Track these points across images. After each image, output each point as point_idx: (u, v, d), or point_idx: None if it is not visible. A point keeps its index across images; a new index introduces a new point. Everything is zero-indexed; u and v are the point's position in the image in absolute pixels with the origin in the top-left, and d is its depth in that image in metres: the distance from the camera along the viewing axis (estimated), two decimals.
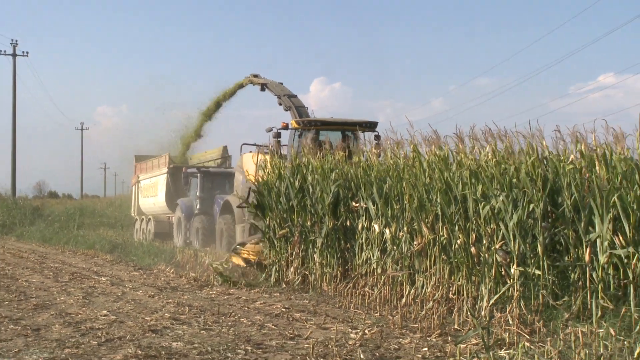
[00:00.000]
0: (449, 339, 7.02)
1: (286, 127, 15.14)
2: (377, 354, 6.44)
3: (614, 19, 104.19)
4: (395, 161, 10.23)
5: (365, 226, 10.39)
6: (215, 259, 13.61)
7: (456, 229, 8.70)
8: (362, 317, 8.36)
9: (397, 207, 9.70)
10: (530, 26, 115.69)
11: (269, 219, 12.33)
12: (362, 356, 6.29)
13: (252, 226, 13.93)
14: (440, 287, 8.82)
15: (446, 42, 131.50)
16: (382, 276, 9.62)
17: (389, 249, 9.75)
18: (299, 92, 19.25)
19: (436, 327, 7.40)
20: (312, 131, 14.86)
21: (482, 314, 7.85)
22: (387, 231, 9.77)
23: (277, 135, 14.73)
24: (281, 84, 20.43)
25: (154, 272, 14.33)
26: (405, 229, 9.50)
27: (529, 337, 6.78)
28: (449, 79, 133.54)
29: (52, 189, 71.28)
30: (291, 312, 8.83)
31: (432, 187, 9.11)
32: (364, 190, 10.45)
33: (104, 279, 12.83)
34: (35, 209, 38.19)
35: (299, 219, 11.60)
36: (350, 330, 7.56)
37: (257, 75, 21.83)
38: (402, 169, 9.87)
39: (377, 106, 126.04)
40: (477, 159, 8.82)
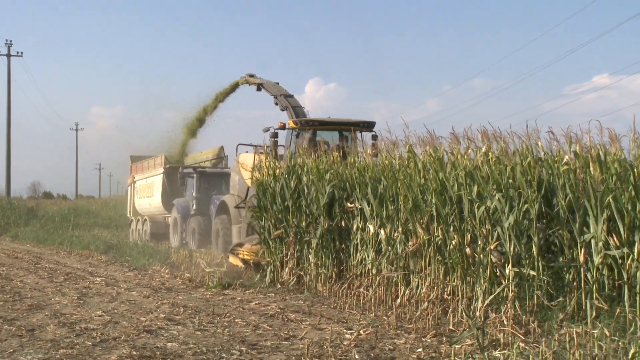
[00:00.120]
0: (444, 339, 7.01)
1: (283, 127, 15.09)
2: (372, 355, 6.44)
3: (609, 20, 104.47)
4: (390, 162, 10.22)
5: (360, 227, 10.38)
6: (210, 260, 13.60)
7: (451, 229, 8.70)
8: (357, 318, 8.36)
9: (392, 207, 9.70)
10: (525, 27, 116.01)
11: (264, 220, 12.32)
12: (357, 357, 6.29)
13: (249, 226, 13.91)
14: (435, 288, 8.82)
15: (441, 42, 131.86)
16: (377, 277, 9.62)
17: (383, 249, 9.75)
18: (294, 93, 19.19)
19: (431, 328, 7.40)
20: (310, 131, 14.84)
21: (477, 314, 7.84)
22: (382, 232, 9.77)
23: (275, 135, 14.69)
24: (277, 84, 20.39)
25: (149, 272, 14.31)
26: (400, 230, 9.49)
27: (523, 337, 6.78)
28: (443, 80, 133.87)
29: (46, 189, 71.48)
30: (286, 312, 8.83)
31: (427, 188, 9.11)
32: (359, 190, 10.44)
33: (99, 280, 12.82)
34: (30, 210, 38.22)
35: (294, 220, 11.59)
36: (345, 330, 7.55)
37: (253, 75, 21.79)
38: (397, 169, 9.87)
39: (372, 107, 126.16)
40: (472, 159, 8.82)
